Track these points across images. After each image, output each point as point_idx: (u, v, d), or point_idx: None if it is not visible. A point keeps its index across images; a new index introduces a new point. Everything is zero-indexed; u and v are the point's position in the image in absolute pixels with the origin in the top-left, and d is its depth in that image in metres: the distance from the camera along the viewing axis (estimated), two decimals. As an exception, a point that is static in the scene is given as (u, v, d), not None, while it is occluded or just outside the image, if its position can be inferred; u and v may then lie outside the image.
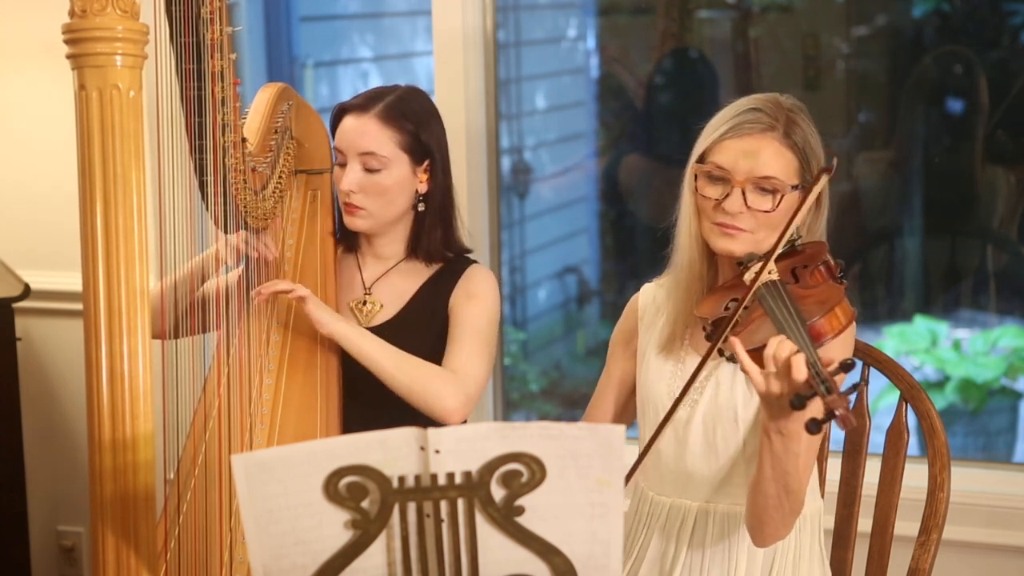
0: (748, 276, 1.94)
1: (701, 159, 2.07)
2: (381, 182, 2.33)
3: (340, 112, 2.38)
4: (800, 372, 1.69)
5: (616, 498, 1.49)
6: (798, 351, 1.71)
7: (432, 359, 2.32)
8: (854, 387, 1.65)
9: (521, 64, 4.35)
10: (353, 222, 2.37)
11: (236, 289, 2.35)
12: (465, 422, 2.28)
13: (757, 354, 1.79)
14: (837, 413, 1.61)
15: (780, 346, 1.73)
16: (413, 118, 2.35)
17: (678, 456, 2.11)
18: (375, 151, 2.32)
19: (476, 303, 2.36)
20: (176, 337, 2.30)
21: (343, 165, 2.36)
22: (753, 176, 2.02)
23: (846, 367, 1.66)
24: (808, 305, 1.83)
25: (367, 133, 2.33)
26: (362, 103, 2.36)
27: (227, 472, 2.15)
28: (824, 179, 1.92)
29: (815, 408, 1.66)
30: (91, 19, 1.74)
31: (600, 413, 2.27)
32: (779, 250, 1.94)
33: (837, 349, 1.90)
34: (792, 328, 1.75)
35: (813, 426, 1.63)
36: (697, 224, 2.09)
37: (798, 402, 1.66)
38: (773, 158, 2.02)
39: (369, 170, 2.33)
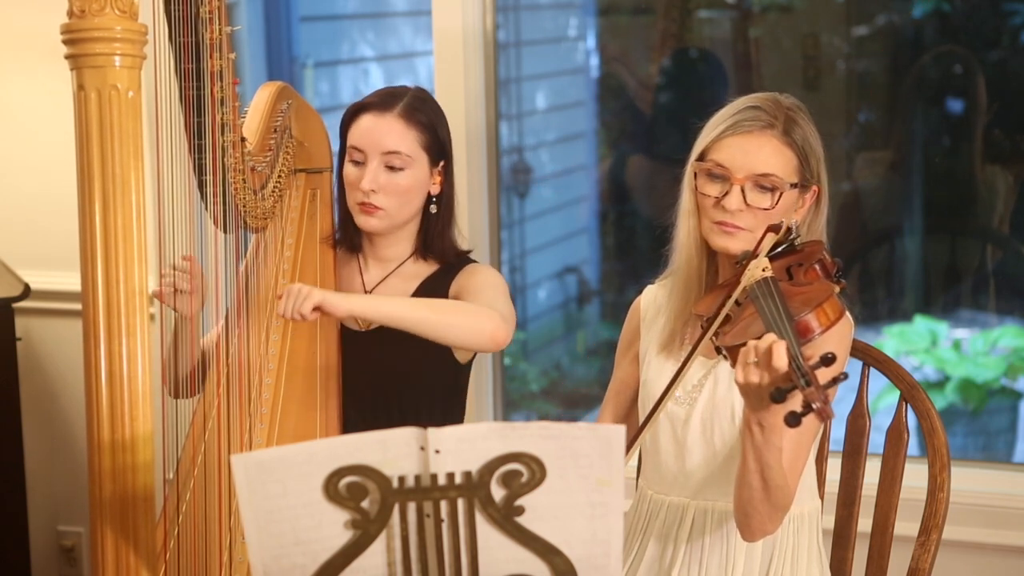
0: (742, 274, 1.94)
1: (701, 157, 2.07)
2: (401, 182, 2.32)
3: (356, 111, 2.35)
4: (780, 360, 1.68)
5: (616, 498, 1.49)
6: (779, 340, 1.71)
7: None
8: (834, 380, 1.66)
9: (521, 64, 4.35)
10: (368, 222, 2.35)
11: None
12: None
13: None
14: (815, 406, 1.62)
15: (764, 336, 1.73)
16: (431, 117, 2.35)
17: (677, 455, 2.12)
18: (400, 150, 2.31)
19: (480, 275, 2.36)
20: (177, 398, 2.29)
21: (358, 163, 2.33)
22: (752, 173, 2.02)
23: (826, 361, 1.66)
24: (797, 302, 1.84)
25: (392, 131, 2.31)
26: (381, 101, 2.33)
27: (227, 472, 2.14)
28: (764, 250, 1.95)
29: (794, 401, 1.66)
30: (89, 19, 1.74)
31: (603, 419, 2.27)
32: (769, 246, 1.94)
33: (828, 346, 1.88)
34: (779, 323, 1.76)
35: (792, 419, 1.63)
36: (696, 222, 2.09)
37: (778, 395, 1.67)
38: (772, 155, 2.03)
39: (391, 169, 2.32)
